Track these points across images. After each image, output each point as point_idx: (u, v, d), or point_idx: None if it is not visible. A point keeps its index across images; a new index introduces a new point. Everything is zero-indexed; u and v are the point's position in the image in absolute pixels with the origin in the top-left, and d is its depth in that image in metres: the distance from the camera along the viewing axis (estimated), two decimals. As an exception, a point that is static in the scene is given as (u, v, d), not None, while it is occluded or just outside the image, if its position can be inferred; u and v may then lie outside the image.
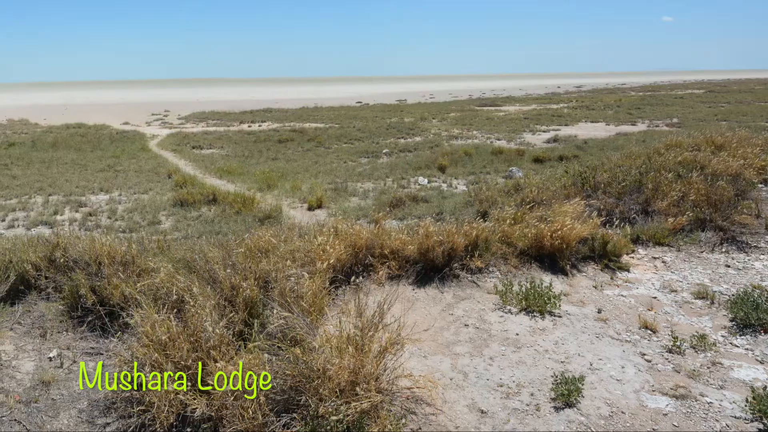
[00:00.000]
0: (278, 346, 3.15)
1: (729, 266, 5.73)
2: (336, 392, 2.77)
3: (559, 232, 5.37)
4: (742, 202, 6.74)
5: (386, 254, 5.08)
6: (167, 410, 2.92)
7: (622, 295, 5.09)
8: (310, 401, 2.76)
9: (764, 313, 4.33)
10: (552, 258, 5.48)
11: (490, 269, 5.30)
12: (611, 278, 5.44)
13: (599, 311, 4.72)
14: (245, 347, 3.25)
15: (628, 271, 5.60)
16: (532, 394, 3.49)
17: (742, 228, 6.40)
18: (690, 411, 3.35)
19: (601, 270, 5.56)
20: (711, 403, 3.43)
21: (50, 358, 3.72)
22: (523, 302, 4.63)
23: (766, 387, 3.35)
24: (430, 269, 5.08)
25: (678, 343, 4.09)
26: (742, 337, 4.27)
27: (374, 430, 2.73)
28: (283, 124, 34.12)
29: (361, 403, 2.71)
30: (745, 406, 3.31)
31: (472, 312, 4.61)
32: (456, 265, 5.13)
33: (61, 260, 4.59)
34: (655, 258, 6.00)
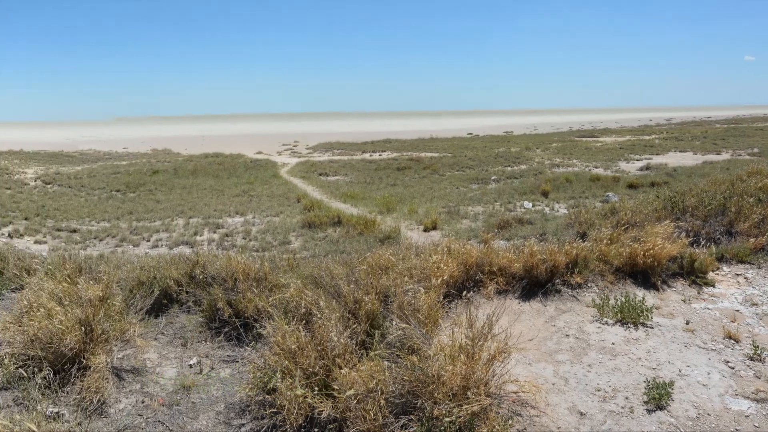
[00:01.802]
0: (397, 355, 4.39)
1: (805, 282, 7.75)
2: (449, 396, 3.87)
3: (651, 251, 7.25)
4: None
5: (494, 271, 6.88)
6: (296, 412, 4.17)
7: (707, 308, 6.75)
8: (425, 404, 3.88)
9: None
10: (644, 274, 7.35)
11: (589, 285, 7.08)
12: (698, 293, 7.22)
13: (687, 323, 6.31)
14: (367, 355, 4.49)
15: (713, 286, 7.39)
16: (626, 398, 4.75)
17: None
18: (769, 413, 4.80)
19: (689, 285, 7.39)
20: (788, 405, 4.86)
21: (190, 365, 5.33)
22: (619, 314, 6.22)
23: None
24: (534, 285, 6.87)
25: (759, 352, 5.49)
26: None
27: (484, 431, 3.77)
28: (401, 154, 44.92)
29: (472, 406, 3.78)
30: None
31: (572, 323, 6.20)
32: (558, 280, 6.92)
33: (201, 277, 6.41)
34: (737, 275, 7.84)
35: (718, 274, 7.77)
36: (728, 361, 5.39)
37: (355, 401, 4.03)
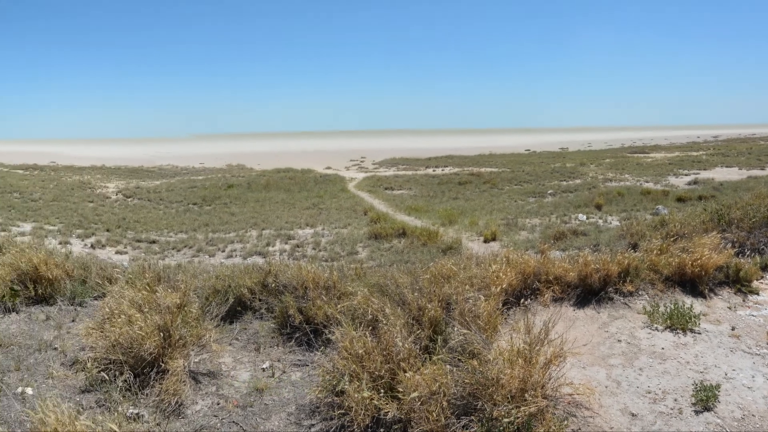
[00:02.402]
0: (458, 359, 4.88)
1: None
2: (508, 398, 4.30)
3: (699, 261, 7.98)
4: None
5: (551, 280, 7.62)
6: (363, 413, 4.67)
7: (752, 315, 7.37)
8: (485, 406, 4.33)
9: None
10: (692, 283, 8.10)
11: (640, 293, 7.82)
12: (743, 300, 7.90)
13: (733, 329, 6.93)
14: (430, 359, 4.97)
15: (757, 294, 8.06)
16: (675, 400, 5.28)
17: None
18: (811, 414, 5.51)
19: (734, 293, 8.10)
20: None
21: (263, 369, 5.97)
22: (668, 321, 6.89)
23: None
24: (588, 293, 7.64)
25: (801, 356, 6.13)
26: None
27: (540, 431, 4.19)
28: (462, 169, 49.95)
29: (530, 407, 4.20)
30: None
31: (624, 329, 6.89)
32: (610, 289, 7.68)
33: (273, 285, 7.11)
34: (781, 283, 8.82)
35: (762, 282, 8.47)
36: (772, 365, 6.12)
37: (419, 403, 4.49)
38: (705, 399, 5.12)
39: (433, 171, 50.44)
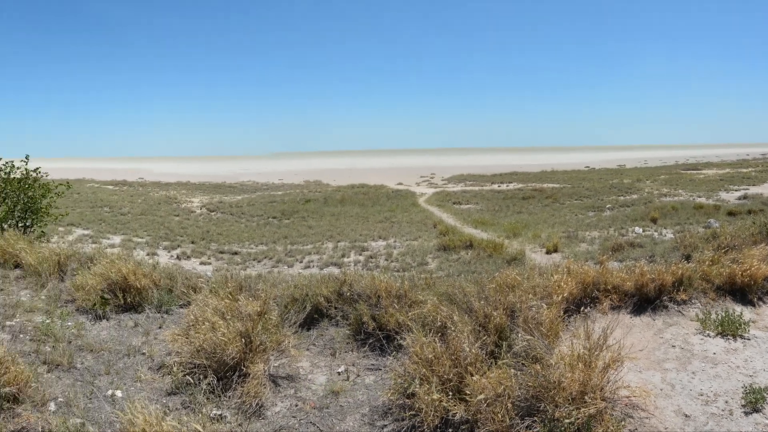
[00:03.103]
0: (522, 363, 5.08)
1: None
2: (568, 400, 4.46)
3: (748, 271, 8.25)
4: None
5: (609, 289, 7.87)
6: (433, 414, 4.88)
7: None
8: (547, 407, 4.50)
9: None
10: (742, 292, 8.35)
11: (693, 301, 8.08)
12: None
13: None
14: (495, 364, 5.16)
15: None
16: (726, 402, 5.48)
17: None
18: None
19: None
20: None
21: (339, 373, 6.25)
22: (719, 327, 7.11)
23: None
24: (644, 301, 7.92)
25: None
26: None
27: (599, 431, 4.33)
28: (525, 185, 52.52)
29: (589, 409, 4.35)
30: None
31: (677, 335, 7.15)
32: (665, 297, 7.94)
33: (348, 294, 7.43)
34: (827, 292, 9.15)
35: (809, 291, 8.85)
36: (818, 369, 6.38)
37: (485, 404, 4.69)
38: (754, 401, 5.32)
39: (499, 187, 53.05)
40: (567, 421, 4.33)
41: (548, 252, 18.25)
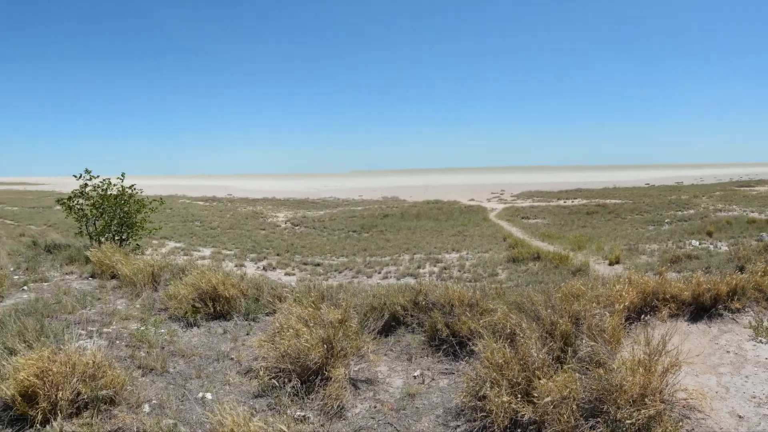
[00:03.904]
0: (586, 368, 5.31)
1: None
2: (630, 402, 4.65)
3: None
4: None
5: (667, 298, 8.19)
6: (503, 416, 5.10)
7: None
8: (610, 409, 4.69)
9: None
10: None
11: (746, 309, 8.33)
12: None
13: None
14: (561, 368, 5.38)
15: None
16: None
17: None
18: None
19: None
20: None
21: (414, 377, 6.54)
22: None
23: None
24: (700, 309, 8.20)
25: None
26: None
27: (659, 431, 4.49)
28: (589, 200, 54.80)
29: (649, 410, 4.52)
30: None
31: (732, 342, 7.33)
32: (720, 306, 8.20)
33: (423, 303, 7.75)
34: None
35: None
36: None
37: (552, 406, 4.90)
38: (804, 403, 5.70)
39: (564, 202, 55.59)
40: (628, 421, 4.51)
41: (611, 263, 18.97)
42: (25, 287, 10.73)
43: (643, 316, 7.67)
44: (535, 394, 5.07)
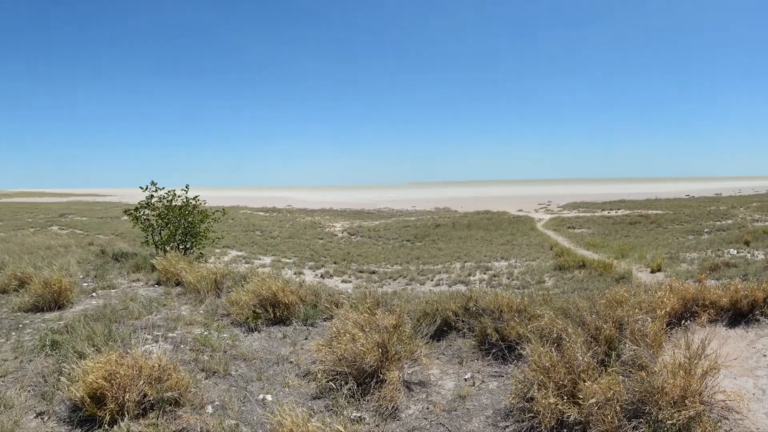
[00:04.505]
0: (629, 371, 5.46)
1: None
2: (671, 403, 4.78)
3: None
4: None
5: (706, 304, 8.37)
6: (549, 416, 5.26)
7: None
8: (652, 410, 4.83)
9: None
10: None
11: None
12: None
13: None
14: (605, 371, 5.52)
15: None
16: None
17: None
18: None
19: None
20: None
21: (465, 379, 6.73)
22: None
23: None
24: (738, 315, 8.37)
25: None
26: None
27: (698, 431, 4.61)
28: (632, 211, 55.67)
29: (689, 411, 4.64)
30: None
31: None
32: (757, 312, 8.34)
33: (473, 309, 7.95)
34: None
35: None
36: None
37: (596, 407, 5.04)
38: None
39: (608, 213, 56.74)
40: (669, 422, 4.65)
41: (652, 271, 19.34)
42: (94, 294, 11.23)
43: (683, 321, 7.82)
44: (581, 396, 5.23)
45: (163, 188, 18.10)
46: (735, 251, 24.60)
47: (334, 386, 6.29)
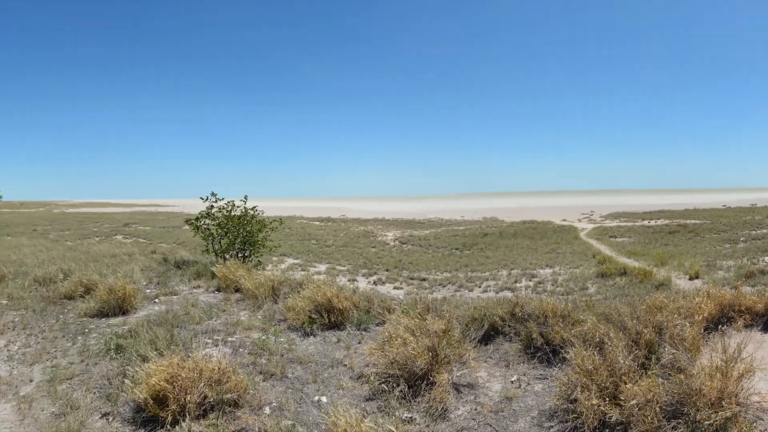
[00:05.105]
0: (668, 373, 5.61)
1: None
2: (708, 405, 4.90)
3: None
4: None
5: (742, 310, 8.46)
6: (592, 417, 5.40)
7: None
8: (690, 411, 4.96)
9: None
10: None
11: None
12: None
13: None
14: (646, 374, 5.66)
15: None
16: None
17: None
18: None
19: None
20: None
21: (512, 382, 6.90)
22: None
23: None
24: None
25: None
26: None
27: (735, 431, 4.72)
28: (671, 221, 56.14)
29: (726, 412, 4.75)
30: None
31: None
32: None
33: (519, 314, 8.12)
34: None
35: None
36: None
37: (637, 408, 5.17)
38: None
39: (648, 222, 57.19)
40: (707, 423, 4.77)
41: (690, 278, 19.66)
42: (157, 300, 11.69)
43: (720, 326, 7.94)
44: (622, 398, 5.37)
45: (223, 199, 18.59)
46: (769, 258, 24.54)
47: (386, 388, 6.46)
